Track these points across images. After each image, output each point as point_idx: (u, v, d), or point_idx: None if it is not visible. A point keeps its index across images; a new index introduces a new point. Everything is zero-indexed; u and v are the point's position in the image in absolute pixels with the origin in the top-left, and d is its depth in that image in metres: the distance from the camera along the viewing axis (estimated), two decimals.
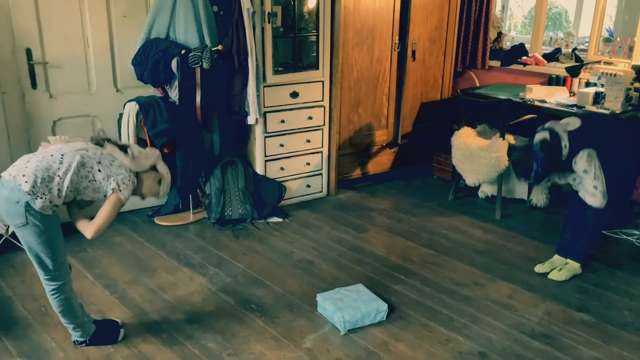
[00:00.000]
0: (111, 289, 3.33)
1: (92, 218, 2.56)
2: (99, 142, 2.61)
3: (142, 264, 3.64)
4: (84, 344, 2.77)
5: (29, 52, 3.72)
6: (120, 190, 2.51)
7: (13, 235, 3.64)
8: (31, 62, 3.74)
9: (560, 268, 3.50)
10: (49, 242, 2.48)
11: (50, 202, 2.42)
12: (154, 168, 2.66)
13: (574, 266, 3.50)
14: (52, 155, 2.47)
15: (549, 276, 3.49)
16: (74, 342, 2.78)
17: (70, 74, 3.90)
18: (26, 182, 2.39)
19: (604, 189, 3.28)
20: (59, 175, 2.43)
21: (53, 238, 2.50)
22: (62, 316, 2.68)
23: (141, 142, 3.97)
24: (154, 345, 2.83)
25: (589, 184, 3.30)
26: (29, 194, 2.38)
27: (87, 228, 2.52)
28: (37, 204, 2.39)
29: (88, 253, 3.73)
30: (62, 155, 2.47)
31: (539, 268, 3.56)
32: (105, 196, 2.54)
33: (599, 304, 3.24)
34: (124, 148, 2.60)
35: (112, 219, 2.54)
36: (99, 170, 2.51)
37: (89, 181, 2.50)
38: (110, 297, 3.25)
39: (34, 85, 3.78)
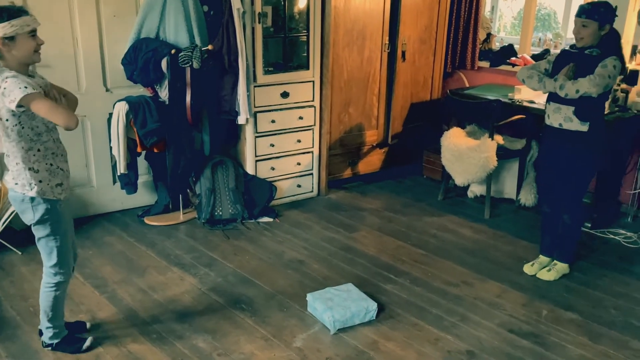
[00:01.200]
0: (101, 289, 3.32)
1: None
2: None
3: (133, 264, 3.63)
4: (50, 347, 2.74)
5: None
6: (14, 98, 2.22)
7: (0, 236, 3.62)
8: None
9: (550, 268, 3.53)
10: (55, 235, 2.51)
11: (40, 181, 2.41)
12: (9, 38, 2.27)
13: (562, 266, 3.53)
14: None
15: (539, 276, 3.52)
16: (42, 342, 2.76)
17: (60, 73, 3.88)
18: (16, 183, 2.42)
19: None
20: (9, 155, 2.40)
21: (60, 231, 2.53)
22: (45, 313, 2.66)
23: (131, 142, 3.96)
24: (144, 345, 2.83)
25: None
26: (24, 193, 2.41)
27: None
28: (34, 192, 2.41)
29: (78, 253, 3.71)
30: None
31: (527, 268, 3.59)
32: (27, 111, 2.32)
33: (586, 303, 3.27)
34: None
35: (51, 108, 2.27)
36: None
37: (14, 123, 2.32)
38: (100, 297, 3.24)
39: None
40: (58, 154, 2.49)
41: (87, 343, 2.78)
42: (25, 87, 2.24)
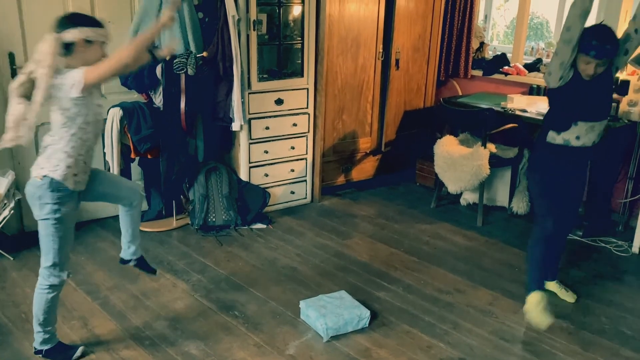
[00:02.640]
0: (93, 295, 3.31)
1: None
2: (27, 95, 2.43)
3: (125, 270, 3.60)
4: (40, 354, 2.73)
5: (11, 56, 3.70)
6: (77, 80, 2.36)
7: None
8: (14, 67, 3.71)
9: (567, 289, 3.42)
10: (55, 236, 2.54)
11: (68, 166, 2.47)
12: (89, 42, 2.46)
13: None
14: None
15: (566, 298, 3.38)
16: (34, 348, 2.74)
17: None
18: (42, 167, 2.48)
19: None
20: (54, 136, 2.48)
21: (62, 233, 2.55)
22: (37, 317, 2.65)
23: (125, 148, 3.96)
24: (136, 352, 2.82)
25: None
26: (46, 175, 2.46)
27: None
28: (58, 174, 2.46)
29: (70, 259, 3.69)
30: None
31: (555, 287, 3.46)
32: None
33: (577, 311, 3.29)
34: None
35: (110, 57, 2.43)
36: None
37: (75, 111, 2.43)
38: (93, 303, 3.23)
39: None
40: (91, 147, 2.59)
41: (78, 353, 2.77)
42: (80, 70, 2.39)
